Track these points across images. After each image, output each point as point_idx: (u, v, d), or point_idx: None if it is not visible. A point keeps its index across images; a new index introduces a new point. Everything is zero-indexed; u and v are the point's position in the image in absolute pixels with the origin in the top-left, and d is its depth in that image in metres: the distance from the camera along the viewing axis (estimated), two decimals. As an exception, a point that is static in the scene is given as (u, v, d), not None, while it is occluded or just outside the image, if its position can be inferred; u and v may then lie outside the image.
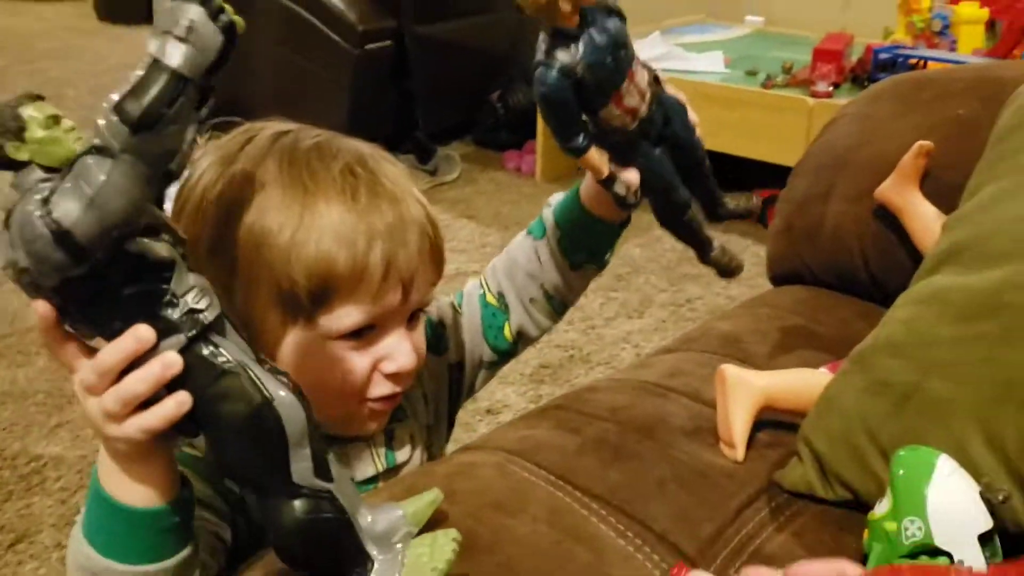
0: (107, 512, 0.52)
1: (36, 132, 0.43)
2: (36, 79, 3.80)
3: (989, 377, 0.63)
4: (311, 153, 0.64)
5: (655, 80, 0.67)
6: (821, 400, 0.71)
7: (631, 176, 0.68)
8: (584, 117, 0.64)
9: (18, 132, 0.43)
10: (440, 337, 0.81)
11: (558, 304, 0.80)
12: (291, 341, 0.63)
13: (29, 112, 0.43)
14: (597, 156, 0.66)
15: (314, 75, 2.66)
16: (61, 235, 0.42)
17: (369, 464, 0.72)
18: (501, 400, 1.75)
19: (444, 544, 0.51)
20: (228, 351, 0.47)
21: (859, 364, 0.71)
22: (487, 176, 2.96)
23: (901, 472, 0.59)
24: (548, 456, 0.71)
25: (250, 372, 0.47)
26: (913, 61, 2.17)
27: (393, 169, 0.67)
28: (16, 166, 0.44)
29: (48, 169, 0.43)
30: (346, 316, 0.62)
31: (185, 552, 0.54)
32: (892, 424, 0.66)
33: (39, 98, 0.44)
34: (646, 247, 2.31)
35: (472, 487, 0.67)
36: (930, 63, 2.17)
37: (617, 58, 0.62)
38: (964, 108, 0.93)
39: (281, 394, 0.47)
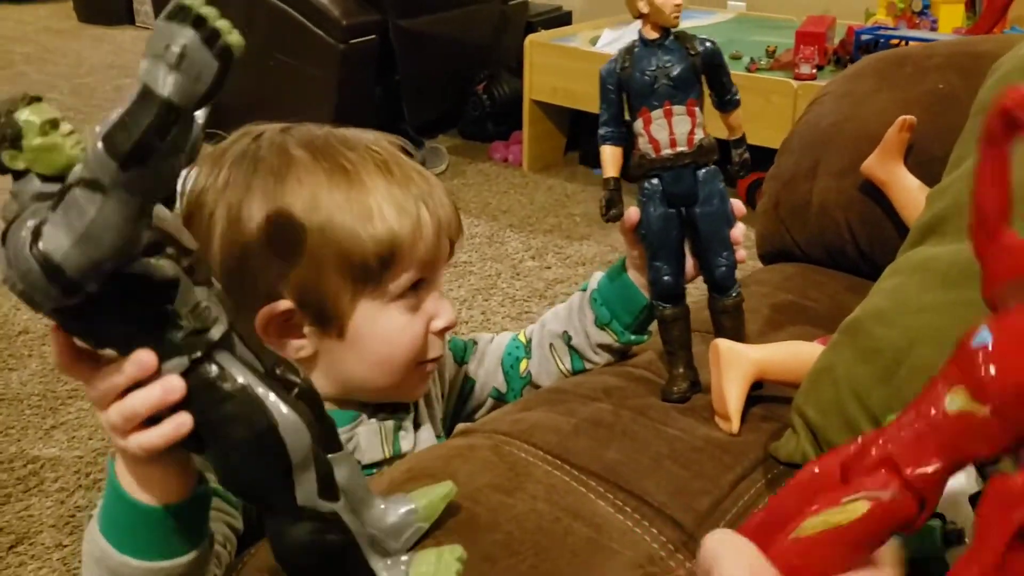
0: (123, 508, 0.52)
1: (33, 140, 0.41)
2: (17, 83, 3.78)
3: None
4: (331, 139, 0.69)
5: (702, 149, 0.68)
6: (813, 371, 0.72)
7: (631, 211, 0.72)
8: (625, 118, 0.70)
9: (14, 139, 0.41)
10: (465, 350, 0.87)
11: (576, 359, 0.83)
12: (361, 314, 0.68)
13: (25, 117, 0.41)
14: (609, 155, 0.70)
15: (299, 71, 2.65)
16: (51, 269, 0.39)
17: (377, 450, 0.74)
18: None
19: (449, 563, 0.51)
20: (233, 371, 0.46)
21: (849, 334, 0.72)
22: (474, 168, 2.96)
23: None
24: (544, 436, 0.72)
25: (255, 394, 0.46)
26: (895, 42, 2.19)
27: (393, 146, 0.72)
28: (14, 173, 0.42)
29: (46, 178, 0.41)
30: (409, 276, 0.68)
31: (201, 548, 0.54)
32: (882, 390, 0.67)
33: (36, 99, 0.41)
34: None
35: (470, 469, 0.67)
36: (912, 43, 2.18)
37: (653, 80, 0.67)
38: (943, 82, 0.94)
39: (285, 412, 0.46)
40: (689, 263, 0.75)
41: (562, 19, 3.31)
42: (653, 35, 0.68)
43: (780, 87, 2.26)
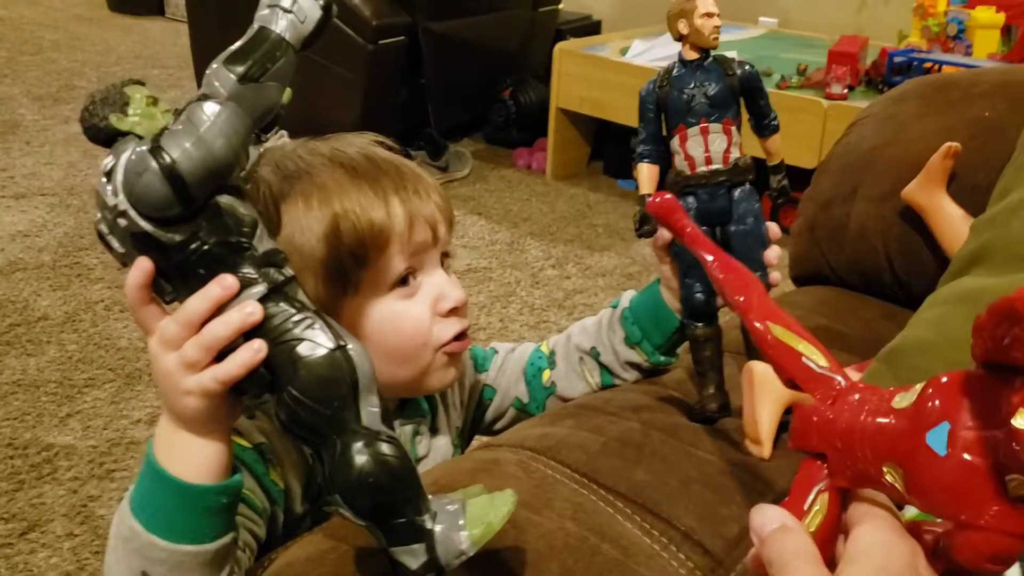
0: (159, 485, 0.52)
1: (139, 107, 0.48)
2: (45, 69, 3.80)
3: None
4: (298, 150, 0.69)
5: (737, 168, 0.69)
6: (849, 400, 0.71)
7: (662, 231, 0.71)
8: (663, 135, 0.70)
9: (123, 106, 0.48)
10: (486, 359, 0.85)
11: (605, 375, 0.82)
12: (347, 315, 0.66)
13: (132, 91, 0.49)
14: (646, 173, 0.70)
15: (327, 70, 2.65)
16: (168, 168, 0.45)
17: None
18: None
19: (502, 503, 0.51)
20: (303, 302, 0.50)
21: (888, 363, 0.71)
22: (497, 173, 2.96)
23: None
24: (572, 454, 0.71)
25: (325, 320, 0.50)
26: (928, 65, 2.17)
27: (377, 146, 0.72)
28: (112, 139, 0.48)
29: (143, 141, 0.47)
30: (388, 266, 0.67)
31: (227, 538, 0.54)
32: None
33: (140, 83, 0.49)
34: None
35: (496, 484, 0.66)
36: (945, 67, 2.16)
37: (691, 98, 0.68)
38: (990, 110, 0.92)
39: (352, 344, 0.49)
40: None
41: (591, 28, 3.31)
42: (692, 56, 0.69)
43: (810, 106, 2.24)
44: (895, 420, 0.37)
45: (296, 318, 0.49)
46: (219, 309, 0.49)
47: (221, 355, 0.49)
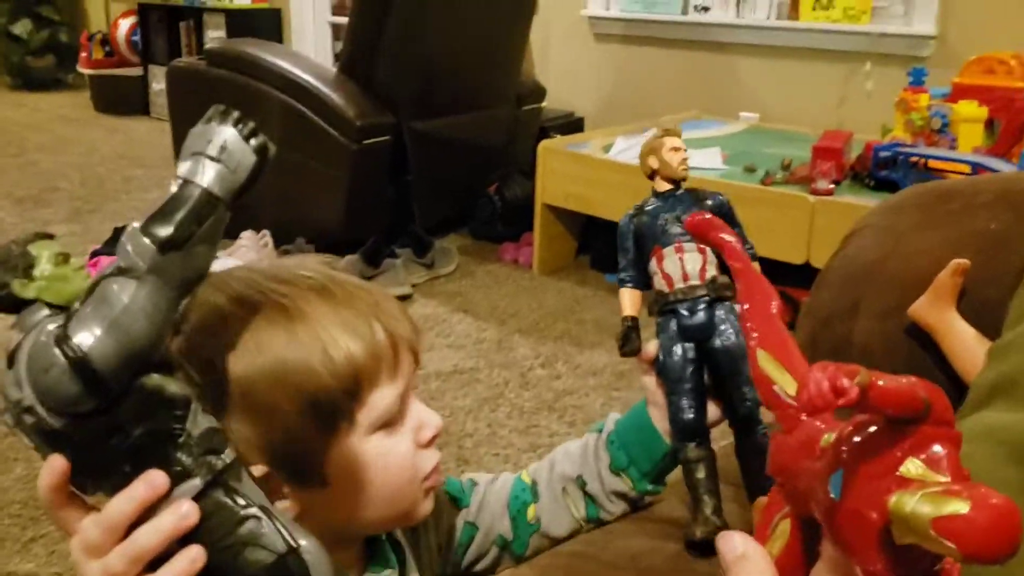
0: None
1: (45, 268, 0.42)
2: (27, 172, 3.79)
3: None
4: (260, 276, 0.61)
5: (715, 284, 0.70)
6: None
7: (649, 345, 0.72)
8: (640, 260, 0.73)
9: (26, 269, 0.42)
10: (464, 492, 0.79)
11: (591, 506, 0.77)
12: (340, 455, 0.60)
13: (38, 249, 0.42)
14: (627, 297, 0.73)
15: (312, 170, 2.64)
16: (78, 363, 0.39)
17: None
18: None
19: None
20: (248, 495, 0.44)
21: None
22: (484, 268, 2.93)
23: None
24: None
25: (272, 517, 0.44)
26: (914, 159, 2.17)
27: (325, 265, 0.67)
28: (20, 305, 0.42)
29: (54, 308, 0.42)
30: (381, 399, 0.61)
31: None
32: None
33: (48, 236, 0.43)
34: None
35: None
36: (931, 161, 2.16)
37: (665, 223, 0.71)
38: (995, 221, 0.89)
39: (304, 542, 0.44)
40: (712, 408, 0.72)
41: (575, 125, 3.34)
42: (664, 187, 0.73)
43: (797, 202, 2.23)
44: (817, 459, 0.38)
45: (240, 515, 0.43)
46: (149, 508, 0.42)
47: (155, 561, 0.43)
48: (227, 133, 0.43)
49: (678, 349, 0.70)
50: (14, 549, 1.54)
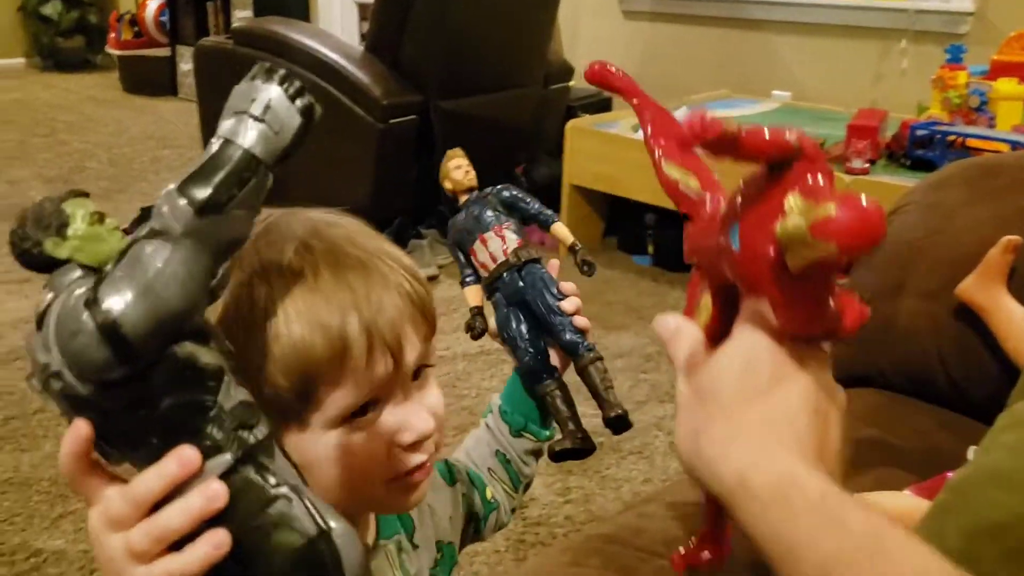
0: None
1: (79, 228, 0.40)
2: (56, 151, 3.81)
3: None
4: (259, 240, 0.56)
5: (517, 255, 0.82)
6: (917, 538, 0.62)
7: (491, 322, 0.84)
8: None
9: (60, 228, 0.40)
10: (452, 469, 0.78)
11: (514, 476, 0.82)
12: (290, 446, 0.55)
13: (72, 207, 0.40)
14: (469, 292, 0.85)
15: (339, 149, 2.62)
16: (107, 328, 0.37)
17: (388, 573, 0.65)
18: (528, 493, 1.65)
19: None
20: (279, 474, 0.42)
21: (960, 496, 0.62)
22: (510, 251, 2.90)
23: None
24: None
25: (304, 499, 0.42)
26: (952, 138, 2.11)
27: (354, 227, 0.60)
28: (53, 265, 0.40)
29: (87, 269, 0.40)
30: (339, 400, 0.55)
31: None
32: (1005, 573, 0.57)
33: (83, 195, 0.41)
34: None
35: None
36: (969, 140, 2.11)
37: (468, 225, 0.84)
38: (1046, 197, 0.85)
39: (336, 525, 0.42)
40: (553, 356, 0.82)
41: (602, 104, 3.29)
42: (464, 198, 0.86)
43: (831, 181, 2.19)
44: (718, 232, 0.42)
45: (270, 494, 0.41)
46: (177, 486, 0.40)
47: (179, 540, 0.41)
48: (272, 92, 0.40)
49: (506, 312, 0.82)
50: (42, 526, 1.55)
